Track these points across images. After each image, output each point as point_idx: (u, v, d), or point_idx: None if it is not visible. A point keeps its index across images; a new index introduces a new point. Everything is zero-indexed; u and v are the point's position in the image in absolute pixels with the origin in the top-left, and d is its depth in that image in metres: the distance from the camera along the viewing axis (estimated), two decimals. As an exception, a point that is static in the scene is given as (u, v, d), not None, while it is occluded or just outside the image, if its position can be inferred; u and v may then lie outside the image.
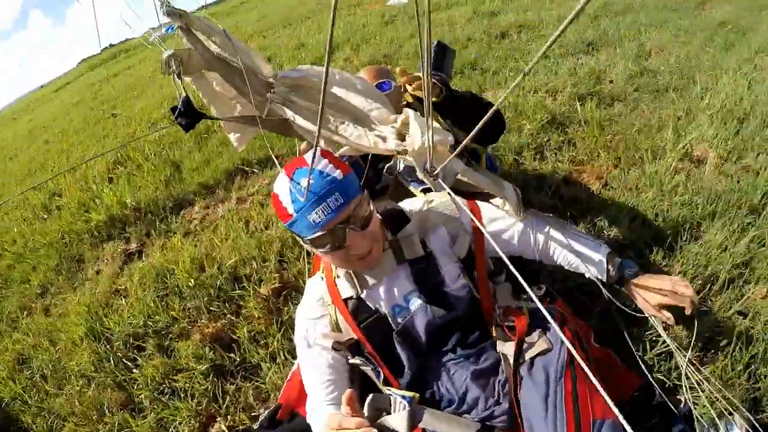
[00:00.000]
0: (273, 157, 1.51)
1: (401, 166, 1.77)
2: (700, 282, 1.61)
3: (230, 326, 1.98)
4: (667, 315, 1.18)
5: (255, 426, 1.51)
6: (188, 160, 3.79)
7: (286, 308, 1.98)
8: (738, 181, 2.10)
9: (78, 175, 4.69)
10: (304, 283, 2.06)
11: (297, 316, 1.34)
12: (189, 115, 1.28)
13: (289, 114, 1.32)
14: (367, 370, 1.21)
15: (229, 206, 2.97)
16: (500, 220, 1.33)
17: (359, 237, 1.10)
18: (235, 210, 2.89)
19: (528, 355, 1.09)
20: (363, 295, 1.22)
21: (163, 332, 2.11)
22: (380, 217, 1.26)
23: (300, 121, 1.31)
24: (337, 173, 1.08)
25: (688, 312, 1.15)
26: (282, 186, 1.11)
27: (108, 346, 2.19)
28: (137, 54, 15.37)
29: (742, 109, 2.69)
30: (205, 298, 2.14)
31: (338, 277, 1.26)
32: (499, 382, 1.14)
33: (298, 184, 1.07)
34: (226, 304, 2.10)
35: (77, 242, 3.36)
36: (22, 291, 3.23)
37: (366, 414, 1.00)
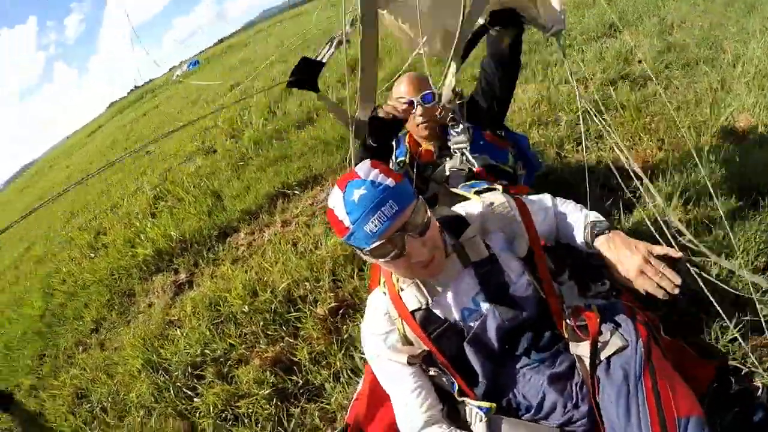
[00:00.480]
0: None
1: (447, 173, 1.76)
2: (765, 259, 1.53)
3: (289, 349, 1.96)
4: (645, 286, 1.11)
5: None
6: (228, 188, 3.86)
7: (344, 326, 1.95)
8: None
9: (121, 213, 4.84)
10: (361, 300, 2.04)
11: (364, 333, 1.31)
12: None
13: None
14: (443, 381, 1.17)
15: (275, 230, 2.99)
16: (540, 212, 1.32)
17: (419, 243, 1.07)
18: (282, 233, 2.90)
19: (603, 355, 1.04)
20: (431, 305, 1.19)
21: (221, 359, 2.11)
22: (439, 224, 1.23)
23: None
24: (389, 181, 1.05)
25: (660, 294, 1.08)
26: (336, 200, 1.09)
27: (166, 376, 2.19)
28: (162, 93, 16.05)
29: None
30: (261, 323, 2.13)
31: (402, 289, 1.23)
32: (576, 384, 1.09)
33: (352, 193, 1.05)
34: (283, 327, 2.08)
35: (126, 277, 3.44)
36: (76, 327, 3.32)
37: None
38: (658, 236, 1.31)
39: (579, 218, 1.29)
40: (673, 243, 1.24)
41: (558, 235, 1.34)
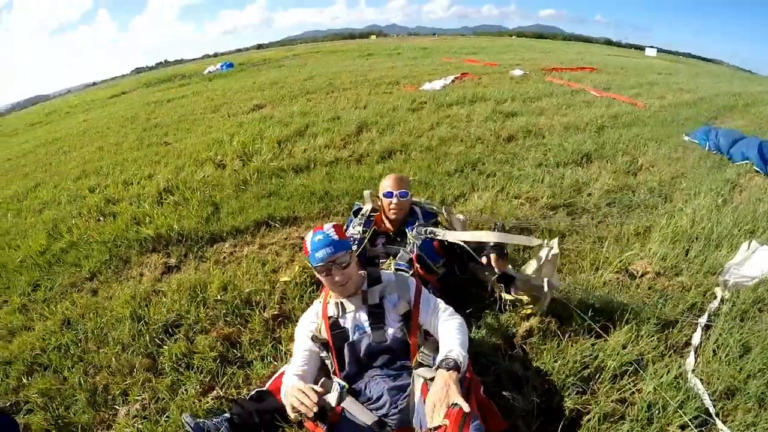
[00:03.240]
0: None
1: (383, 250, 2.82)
2: (590, 371, 2.35)
3: (237, 333, 2.90)
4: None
5: (244, 397, 2.39)
6: (227, 204, 4.83)
7: (279, 330, 2.90)
8: (661, 297, 2.84)
9: (131, 191, 5.73)
10: (296, 316, 3.00)
11: (300, 321, 2.29)
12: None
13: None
14: (327, 361, 2.12)
15: (252, 249, 3.96)
16: (428, 304, 2.16)
17: (340, 272, 2.06)
18: (257, 253, 3.87)
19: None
20: (340, 316, 2.14)
21: (190, 326, 3.02)
22: (366, 275, 2.22)
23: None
24: (335, 237, 2.07)
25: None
26: (308, 236, 2.13)
27: (145, 327, 3.09)
28: (192, 85, 16.92)
29: (697, 231, 3.35)
30: (224, 310, 3.08)
31: (329, 303, 2.19)
32: (403, 396, 1.91)
33: (315, 236, 2.08)
34: (238, 318, 3.03)
35: (126, 246, 4.30)
36: (73, 272, 4.14)
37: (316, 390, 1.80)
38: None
39: (448, 342, 1.90)
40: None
41: (434, 332, 2.09)
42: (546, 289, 2.54)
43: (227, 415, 2.19)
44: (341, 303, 2.17)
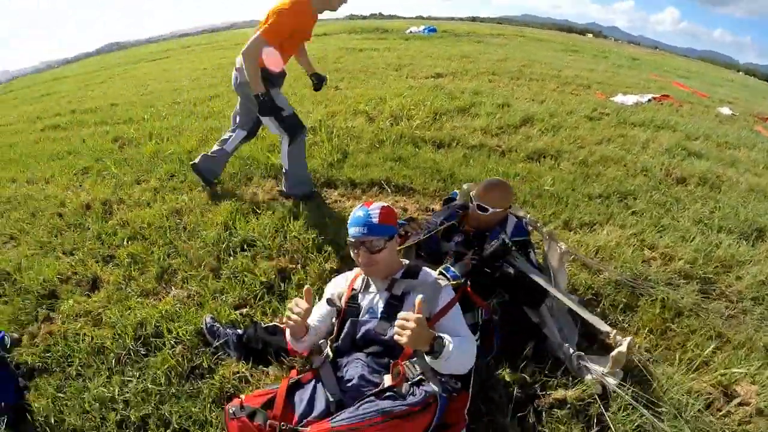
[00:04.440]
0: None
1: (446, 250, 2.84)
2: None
3: (293, 271, 3.26)
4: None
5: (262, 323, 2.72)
6: (354, 156, 5.29)
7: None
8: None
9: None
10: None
11: (333, 279, 2.53)
12: None
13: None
14: (334, 323, 2.30)
15: (354, 203, 4.33)
16: (452, 321, 2.11)
17: (367, 255, 2.19)
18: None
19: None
20: (361, 292, 2.34)
21: (261, 249, 3.50)
22: (407, 262, 2.37)
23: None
24: (376, 219, 2.19)
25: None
26: (356, 208, 2.31)
27: (228, 236, 3.65)
28: (388, 41, 17.77)
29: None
30: (295, 247, 3.49)
31: (360, 275, 2.37)
32: (370, 390, 1.98)
33: (357, 212, 2.26)
34: (302, 259, 3.40)
35: (255, 167, 5.05)
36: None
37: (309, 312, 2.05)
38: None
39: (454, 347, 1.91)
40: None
41: None
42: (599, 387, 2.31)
43: (239, 331, 2.60)
44: (368, 281, 2.34)
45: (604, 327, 2.42)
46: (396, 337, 1.83)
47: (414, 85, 8.96)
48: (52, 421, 2.29)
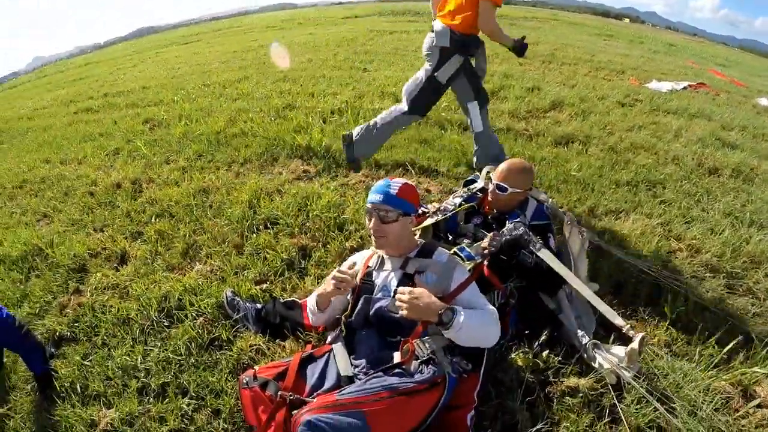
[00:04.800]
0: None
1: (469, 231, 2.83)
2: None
3: (313, 248, 3.29)
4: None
5: (280, 299, 2.79)
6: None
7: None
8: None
9: (310, 104, 6.62)
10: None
11: (350, 257, 2.59)
12: None
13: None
14: (349, 297, 2.33)
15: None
16: (469, 300, 2.13)
17: (378, 223, 2.21)
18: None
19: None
20: (375, 269, 2.36)
21: (284, 227, 3.55)
22: (422, 241, 2.40)
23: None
24: (395, 192, 2.21)
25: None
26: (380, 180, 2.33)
27: (253, 214, 3.72)
28: (419, 24, 17.69)
29: None
30: (317, 225, 3.52)
31: (376, 253, 2.40)
32: (373, 364, 2.04)
33: (380, 182, 2.28)
34: (323, 237, 3.43)
35: (281, 148, 5.11)
36: (230, 153, 5.09)
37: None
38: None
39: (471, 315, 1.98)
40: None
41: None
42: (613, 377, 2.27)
43: (258, 306, 2.66)
44: (383, 258, 2.37)
45: (617, 320, 2.37)
46: (400, 311, 1.92)
47: (442, 68, 8.87)
48: (78, 388, 2.42)
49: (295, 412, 1.69)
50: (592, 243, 3.03)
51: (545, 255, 2.52)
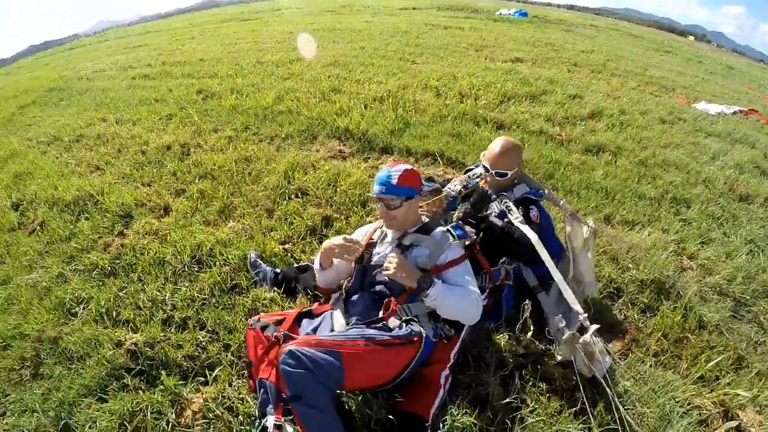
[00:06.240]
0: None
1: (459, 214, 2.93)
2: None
3: (335, 219, 3.59)
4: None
5: (296, 262, 3.12)
6: (415, 127, 5.53)
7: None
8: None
9: (356, 89, 6.93)
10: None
11: (357, 229, 2.88)
12: None
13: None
14: (353, 265, 2.59)
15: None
16: (455, 278, 2.34)
17: (384, 209, 2.46)
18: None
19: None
20: (378, 240, 2.63)
21: (312, 197, 3.87)
22: (427, 219, 2.65)
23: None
24: (395, 180, 2.39)
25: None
26: (383, 167, 2.58)
27: (287, 185, 4.05)
28: (476, 21, 17.67)
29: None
30: (344, 200, 3.82)
31: (380, 227, 2.68)
32: (362, 320, 2.25)
33: (383, 170, 2.50)
34: (346, 210, 3.72)
35: (321, 127, 5.44)
36: (275, 128, 5.45)
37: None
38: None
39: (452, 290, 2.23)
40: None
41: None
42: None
43: (278, 270, 2.99)
44: (386, 233, 2.63)
45: (576, 306, 2.40)
46: (385, 271, 2.20)
47: (490, 67, 8.99)
48: (114, 314, 2.80)
49: (282, 345, 1.99)
50: (597, 236, 3.11)
51: (514, 217, 2.67)
